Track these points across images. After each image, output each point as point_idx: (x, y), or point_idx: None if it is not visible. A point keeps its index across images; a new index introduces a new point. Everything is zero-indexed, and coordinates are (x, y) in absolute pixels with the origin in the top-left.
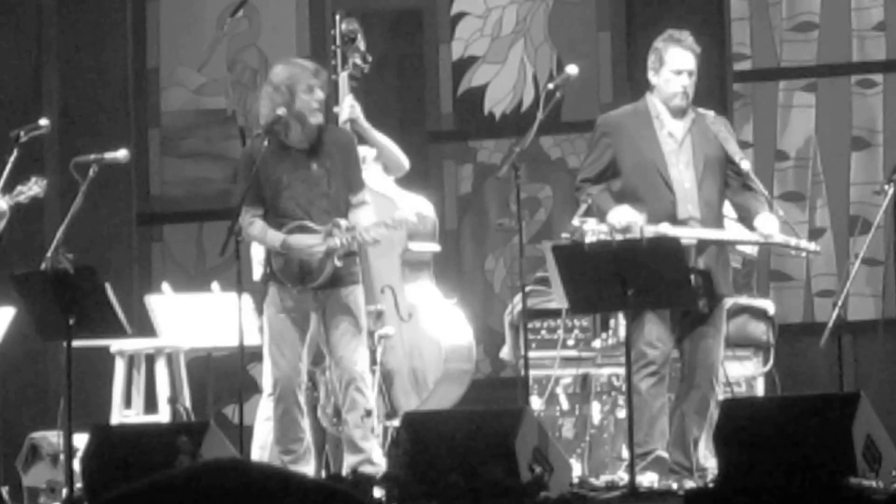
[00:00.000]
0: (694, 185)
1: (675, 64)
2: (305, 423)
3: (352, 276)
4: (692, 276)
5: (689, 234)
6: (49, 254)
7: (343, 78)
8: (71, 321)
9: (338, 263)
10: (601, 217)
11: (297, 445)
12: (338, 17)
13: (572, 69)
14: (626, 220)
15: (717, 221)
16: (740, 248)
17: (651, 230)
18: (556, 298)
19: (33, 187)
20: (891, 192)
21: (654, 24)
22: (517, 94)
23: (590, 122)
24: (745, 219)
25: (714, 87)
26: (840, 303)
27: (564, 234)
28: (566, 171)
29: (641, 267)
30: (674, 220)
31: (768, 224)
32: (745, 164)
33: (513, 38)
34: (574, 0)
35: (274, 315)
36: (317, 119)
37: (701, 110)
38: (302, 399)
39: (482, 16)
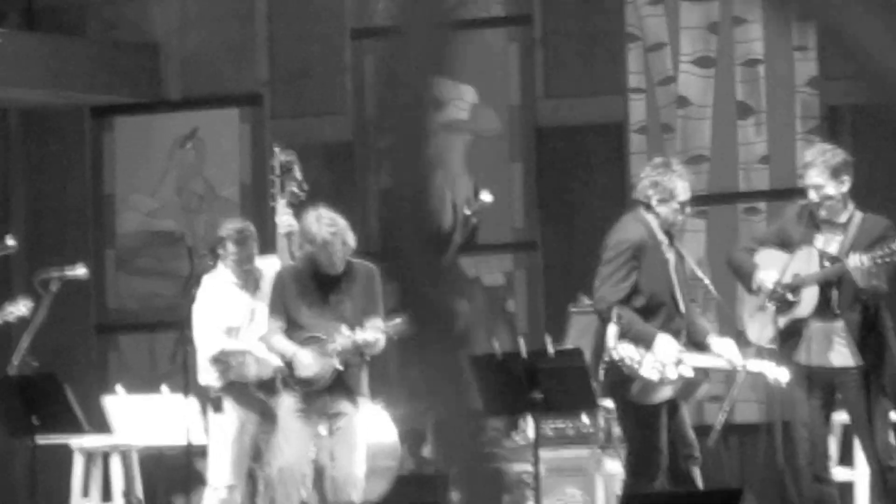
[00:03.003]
0: (686, 307)
1: (683, 196)
2: None
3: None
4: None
5: (709, 363)
6: (16, 361)
7: (281, 204)
8: (35, 421)
9: (339, 367)
10: (637, 338)
11: None
12: (276, 149)
13: (487, 197)
14: (673, 356)
15: None
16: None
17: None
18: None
19: (20, 307)
20: (772, 308)
21: (562, 158)
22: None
23: (504, 245)
24: (693, 333)
25: (615, 213)
26: (726, 408)
27: (606, 358)
28: (482, 287)
29: (548, 375)
30: (677, 337)
31: (726, 346)
32: (707, 281)
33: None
34: (489, 135)
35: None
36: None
37: None
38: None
39: None
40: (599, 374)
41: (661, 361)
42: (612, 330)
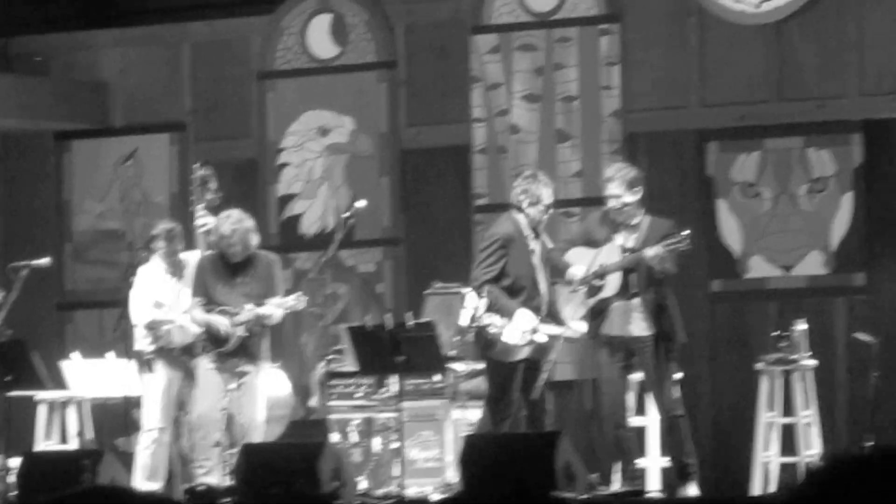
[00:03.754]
0: (546, 288)
1: (547, 201)
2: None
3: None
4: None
5: (557, 332)
6: None
7: (199, 208)
8: (7, 378)
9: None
10: (501, 311)
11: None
12: (197, 165)
13: (361, 203)
14: (529, 325)
15: None
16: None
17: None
18: (349, 364)
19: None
20: (583, 292)
21: (421, 173)
22: (324, 221)
23: (375, 240)
24: (552, 309)
25: (461, 216)
26: (546, 370)
27: (474, 323)
28: (357, 274)
29: (408, 343)
30: (537, 312)
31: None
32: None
33: (320, 181)
34: (364, 155)
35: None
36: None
37: None
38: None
39: (299, 166)
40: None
41: (519, 329)
42: (482, 303)
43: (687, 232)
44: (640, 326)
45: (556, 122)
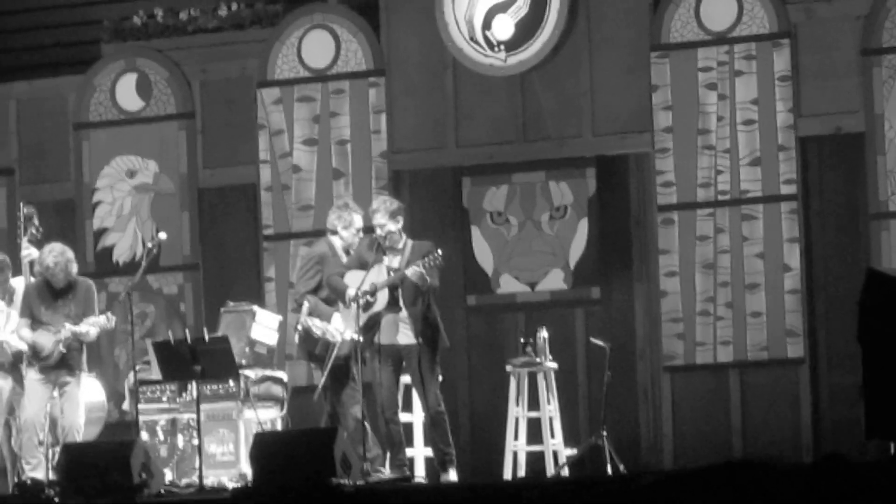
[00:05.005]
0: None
1: (358, 225)
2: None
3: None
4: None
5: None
6: None
7: (24, 241)
8: None
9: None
10: (321, 315)
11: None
12: (21, 204)
13: (162, 235)
14: (342, 327)
15: None
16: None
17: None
18: (155, 373)
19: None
20: (355, 308)
21: (216, 208)
22: (132, 250)
23: (177, 266)
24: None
25: (251, 244)
26: (326, 373)
27: (299, 327)
28: (162, 295)
29: (205, 354)
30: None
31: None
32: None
33: (129, 216)
34: (167, 193)
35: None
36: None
37: None
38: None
39: (111, 203)
40: (296, 338)
41: (337, 330)
42: (304, 308)
43: (439, 251)
44: (407, 336)
45: (332, 161)
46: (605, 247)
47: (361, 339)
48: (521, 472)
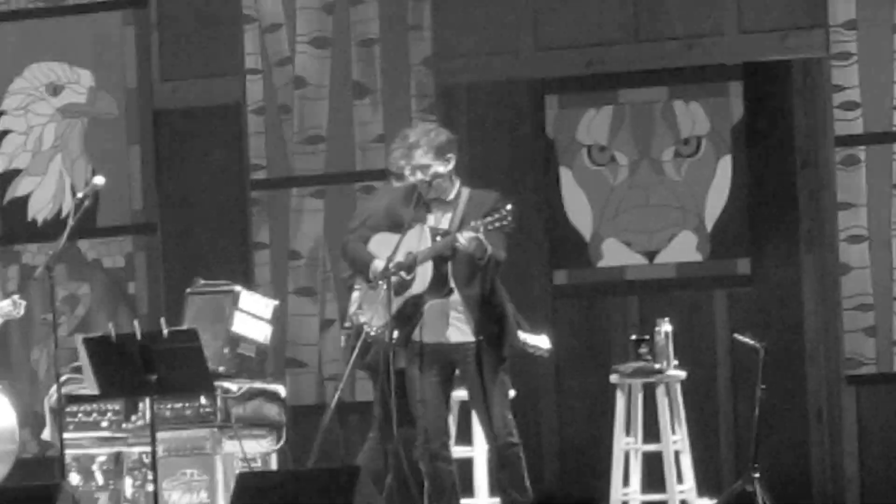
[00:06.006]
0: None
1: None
2: None
3: None
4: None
5: None
6: None
7: None
8: None
9: None
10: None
11: None
12: None
13: (99, 180)
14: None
15: None
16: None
17: None
18: (89, 386)
19: None
20: (384, 290)
21: (180, 140)
22: (57, 203)
23: (124, 227)
24: None
25: (233, 195)
26: (342, 386)
27: (347, 323)
28: (102, 269)
29: (163, 356)
30: None
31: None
32: None
33: (52, 152)
34: (107, 118)
35: None
36: None
37: None
38: None
39: (25, 132)
40: (342, 339)
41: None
42: (354, 296)
43: (509, 206)
44: (461, 331)
45: (353, 72)
46: (757, 199)
47: (395, 336)
48: None
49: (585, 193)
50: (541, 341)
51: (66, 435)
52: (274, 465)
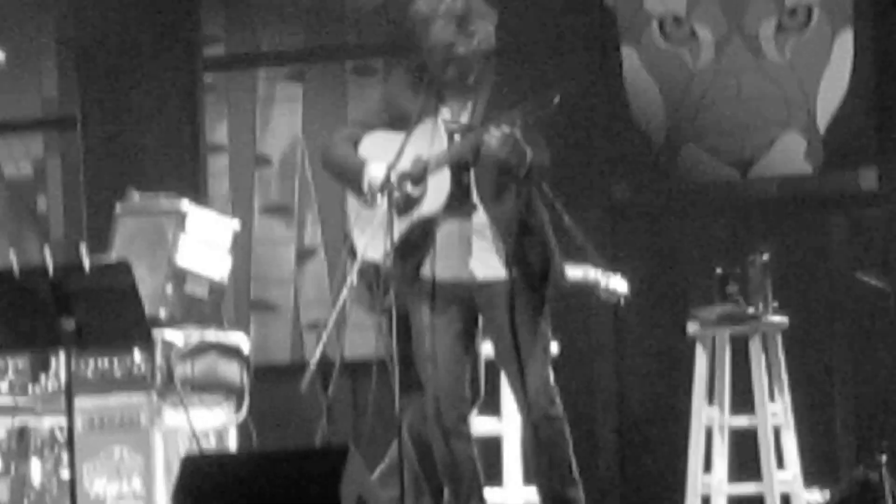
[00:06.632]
0: None
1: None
2: None
3: None
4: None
5: None
6: None
7: None
8: None
9: None
10: None
11: None
12: None
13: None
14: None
15: None
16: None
17: None
18: None
19: None
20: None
21: (113, 13)
22: None
23: (31, 121)
24: None
25: (180, 78)
26: (324, 339)
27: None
28: (2, 180)
29: (84, 297)
30: None
31: None
32: None
33: None
34: None
35: None
36: None
37: None
38: None
39: None
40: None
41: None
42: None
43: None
44: (487, 264)
45: None
46: (887, 89)
47: (397, 269)
48: None
49: (656, 81)
50: (616, 283)
51: None
52: (232, 444)
